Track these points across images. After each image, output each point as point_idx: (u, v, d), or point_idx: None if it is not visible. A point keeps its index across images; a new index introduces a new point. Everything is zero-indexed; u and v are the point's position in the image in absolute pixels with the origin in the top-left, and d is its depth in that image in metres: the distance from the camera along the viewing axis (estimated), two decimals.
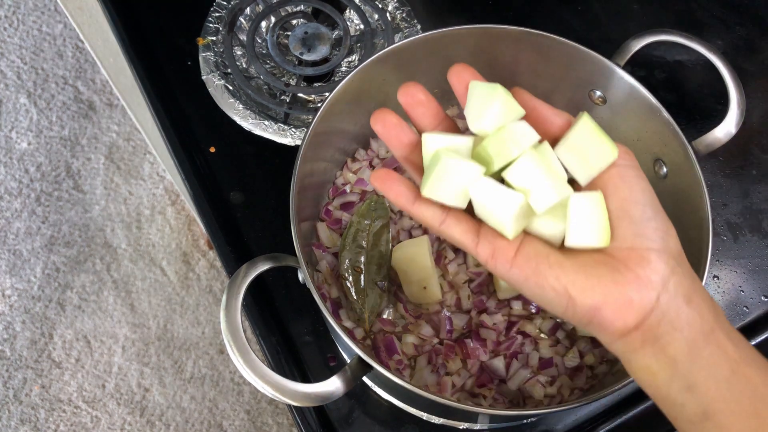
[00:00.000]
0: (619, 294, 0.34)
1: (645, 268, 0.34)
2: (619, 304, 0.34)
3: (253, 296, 0.66)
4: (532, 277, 0.35)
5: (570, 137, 0.37)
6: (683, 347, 0.34)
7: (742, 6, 0.86)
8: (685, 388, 0.34)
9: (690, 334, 0.34)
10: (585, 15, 0.85)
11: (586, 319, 0.35)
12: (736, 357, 0.34)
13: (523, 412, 0.52)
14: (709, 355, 0.34)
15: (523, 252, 0.36)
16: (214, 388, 1.52)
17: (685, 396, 0.34)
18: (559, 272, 0.35)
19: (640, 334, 0.34)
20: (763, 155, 0.78)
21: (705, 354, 0.34)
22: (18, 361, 1.53)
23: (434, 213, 0.38)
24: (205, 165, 0.73)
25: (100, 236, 1.65)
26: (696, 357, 0.34)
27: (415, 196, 0.38)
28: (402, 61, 0.63)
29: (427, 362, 0.62)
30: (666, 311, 0.34)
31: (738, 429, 0.33)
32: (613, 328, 0.35)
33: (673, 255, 0.35)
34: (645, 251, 0.34)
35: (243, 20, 0.80)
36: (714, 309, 0.35)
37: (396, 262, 0.63)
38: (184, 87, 0.77)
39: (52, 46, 1.83)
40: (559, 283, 0.35)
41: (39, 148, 1.72)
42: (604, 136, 0.36)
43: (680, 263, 0.35)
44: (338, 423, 0.63)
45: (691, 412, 0.34)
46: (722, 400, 0.33)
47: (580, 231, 0.35)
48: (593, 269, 0.34)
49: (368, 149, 0.71)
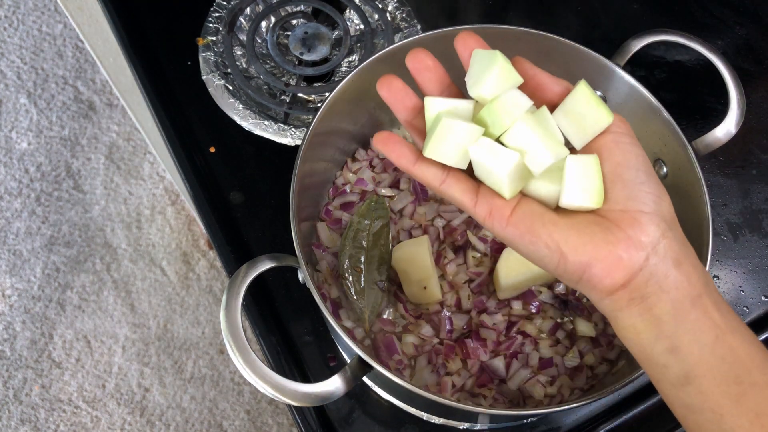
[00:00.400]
0: (609, 252, 0.35)
1: (636, 230, 0.35)
2: (609, 262, 0.35)
3: (253, 296, 0.66)
4: (527, 235, 0.37)
5: (567, 103, 0.38)
6: (669, 308, 0.35)
7: (742, 6, 0.86)
8: (669, 350, 0.35)
9: (677, 297, 0.35)
10: (585, 15, 0.85)
11: (577, 275, 0.36)
12: (722, 324, 0.35)
13: (523, 412, 0.52)
14: (695, 320, 0.34)
15: (519, 211, 0.38)
16: (214, 388, 1.52)
17: (669, 357, 0.35)
18: (553, 230, 0.36)
19: (628, 293, 0.35)
20: (763, 155, 0.78)
21: (690, 318, 0.34)
22: (18, 361, 1.53)
23: (435, 173, 0.39)
24: (205, 165, 0.73)
25: (100, 236, 1.65)
26: (681, 320, 0.34)
27: (416, 157, 0.40)
28: (402, 61, 0.63)
29: (427, 362, 0.62)
30: (654, 272, 0.35)
31: (718, 394, 0.34)
32: (601, 286, 0.36)
33: (665, 218, 0.36)
34: (637, 213, 0.35)
35: (243, 20, 0.80)
36: (704, 276, 0.36)
37: (396, 262, 0.63)
38: (184, 87, 0.77)
39: (52, 46, 1.83)
40: (551, 240, 0.36)
41: (39, 148, 1.72)
42: (599, 102, 0.37)
43: (672, 228, 0.36)
44: (338, 423, 0.63)
45: (673, 374, 0.35)
46: (704, 365, 0.34)
47: (574, 191, 0.36)
48: (585, 228, 0.36)
49: (368, 149, 0.71)
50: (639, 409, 0.65)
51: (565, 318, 0.65)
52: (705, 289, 0.35)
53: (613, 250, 0.35)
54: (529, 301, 0.64)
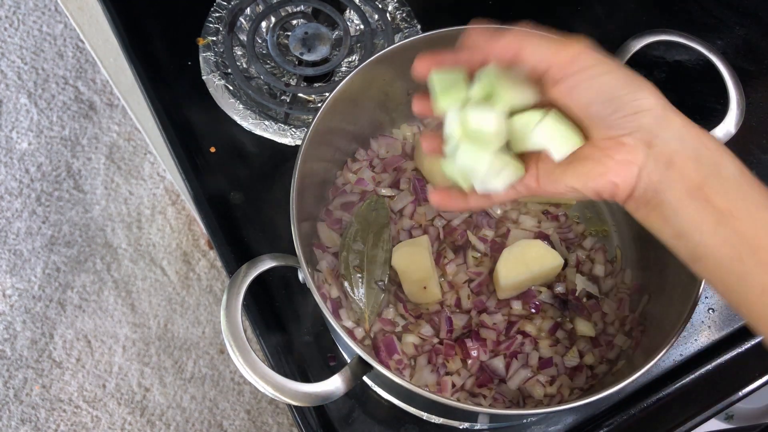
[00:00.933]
0: (606, 182, 0.41)
1: (622, 153, 0.40)
2: (609, 188, 0.42)
3: (254, 296, 0.66)
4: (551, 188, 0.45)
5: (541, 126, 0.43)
6: (669, 205, 0.40)
7: (742, 6, 0.86)
8: (675, 236, 0.41)
9: (673, 195, 0.40)
10: (585, 15, 0.85)
11: (596, 197, 0.43)
12: (725, 209, 0.39)
13: (523, 411, 0.52)
14: (694, 210, 0.39)
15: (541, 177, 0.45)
16: (214, 388, 1.52)
17: (675, 242, 0.41)
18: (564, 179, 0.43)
19: (633, 202, 0.42)
20: (763, 155, 0.78)
21: (690, 209, 0.39)
22: (18, 360, 1.53)
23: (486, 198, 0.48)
24: (206, 165, 0.73)
25: (100, 236, 1.65)
26: (681, 212, 0.40)
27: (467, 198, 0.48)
28: (402, 61, 0.63)
29: (427, 362, 0.62)
30: (648, 182, 0.40)
31: (723, 273, 0.39)
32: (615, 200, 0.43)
33: (649, 129, 0.40)
34: (619, 138, 0.40)
35: (243, 20, 0.80)
36: (705, 167, 0.39)
37: (396, 262, 0.63)
38: (184, 87, 0.77)
39: (53, 46, 1.83)
40: (568, 187, 0.43)
41: (39, 148, 1.72)
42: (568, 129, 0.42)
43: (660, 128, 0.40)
44: (338, 423, 0.63)
45: (682, 255, 0.42)
46: (706, 247, 0.39)
47: (557, 146, 0.43)
48: (583, 167, 0.42)
49: (368, 149, 0.71)
50: (639, 408, 0.65)
51: (565, 318, 0.65)
52: (706, 180, 0.39)
53: (608, 179, 0.41)
54: (529, 301, 0.64)
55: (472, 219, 0.68)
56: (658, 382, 0.66)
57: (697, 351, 0.68)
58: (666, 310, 0.58)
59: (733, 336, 0.69)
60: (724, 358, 0.68)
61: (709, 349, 0.68)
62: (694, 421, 0.65)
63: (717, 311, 0.70)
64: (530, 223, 0.68)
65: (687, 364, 0.68)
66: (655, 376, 0.67)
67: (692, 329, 0.69)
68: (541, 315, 0.64)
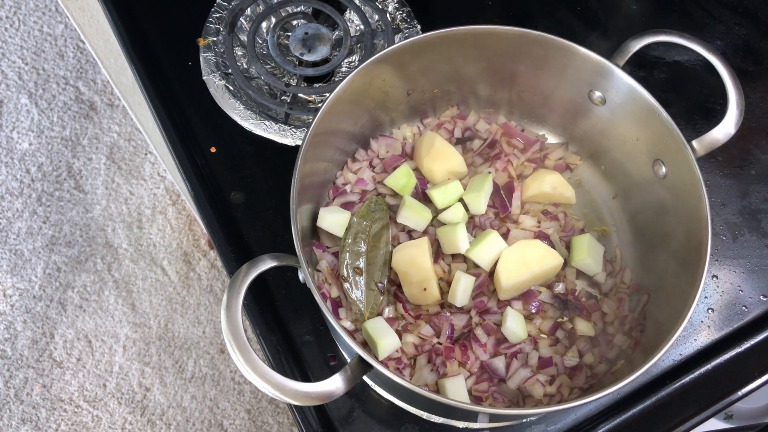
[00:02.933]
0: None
1: None
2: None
3: (254, 296, 0.66)
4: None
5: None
6: None
7: (741, 6, 0.86)
8: None
9: None
10: (585, 15, 0.85)
11: None
12: None
13: (523, 411, 0.52)
14: None
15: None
16: (214, 388, 1.53)
17: None
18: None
19: None
20: (762, 155, 0.78)
21: None
22: (19, 360, 1.53)
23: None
24: (206, 165, 0.73)
25: (101, 236, 1.65)
26: None
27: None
28: (402, 61, 0.63)
29: (426, 362, 0.62)
30: None
31: None
32: None
33: None
34: None
35: (243, 21, 0.80)
36: None
37: (396, 263, 0.63)
38: (184, 87, 0.77)
39: (53, 46, 1.84)
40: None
41: (40, 148, 1.72)
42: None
43: None
44: (338, 422, 0.63)
45: None
46: None
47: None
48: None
49: (368, 149, 0.71)
50: (638, 408, 0.65)
51: (565, 318, 0.65)
52: None
53: None
54: (529, 301, 0.64)
55: (471, 220, 0.68)
56: (657, 381, 0.66)
57: (696, 351, 0.68)
58: (665, 310, 0.58)
59: (732, 336, 0.69)
60: (724, 357, 0.68)
61: (709, 348, 0.69)
62: (693, 420, 0.65)
63: (716, 311, 0.70)
64: (530, 223, 0.68)
65: (686, 363, 0.68)
66: (655, 376, 0.67)
67: (691, 329, 0.69)
68: (540, 315, 0.64)
